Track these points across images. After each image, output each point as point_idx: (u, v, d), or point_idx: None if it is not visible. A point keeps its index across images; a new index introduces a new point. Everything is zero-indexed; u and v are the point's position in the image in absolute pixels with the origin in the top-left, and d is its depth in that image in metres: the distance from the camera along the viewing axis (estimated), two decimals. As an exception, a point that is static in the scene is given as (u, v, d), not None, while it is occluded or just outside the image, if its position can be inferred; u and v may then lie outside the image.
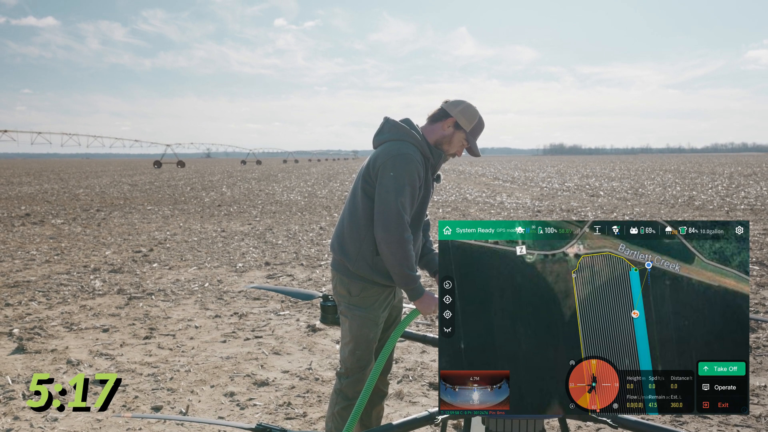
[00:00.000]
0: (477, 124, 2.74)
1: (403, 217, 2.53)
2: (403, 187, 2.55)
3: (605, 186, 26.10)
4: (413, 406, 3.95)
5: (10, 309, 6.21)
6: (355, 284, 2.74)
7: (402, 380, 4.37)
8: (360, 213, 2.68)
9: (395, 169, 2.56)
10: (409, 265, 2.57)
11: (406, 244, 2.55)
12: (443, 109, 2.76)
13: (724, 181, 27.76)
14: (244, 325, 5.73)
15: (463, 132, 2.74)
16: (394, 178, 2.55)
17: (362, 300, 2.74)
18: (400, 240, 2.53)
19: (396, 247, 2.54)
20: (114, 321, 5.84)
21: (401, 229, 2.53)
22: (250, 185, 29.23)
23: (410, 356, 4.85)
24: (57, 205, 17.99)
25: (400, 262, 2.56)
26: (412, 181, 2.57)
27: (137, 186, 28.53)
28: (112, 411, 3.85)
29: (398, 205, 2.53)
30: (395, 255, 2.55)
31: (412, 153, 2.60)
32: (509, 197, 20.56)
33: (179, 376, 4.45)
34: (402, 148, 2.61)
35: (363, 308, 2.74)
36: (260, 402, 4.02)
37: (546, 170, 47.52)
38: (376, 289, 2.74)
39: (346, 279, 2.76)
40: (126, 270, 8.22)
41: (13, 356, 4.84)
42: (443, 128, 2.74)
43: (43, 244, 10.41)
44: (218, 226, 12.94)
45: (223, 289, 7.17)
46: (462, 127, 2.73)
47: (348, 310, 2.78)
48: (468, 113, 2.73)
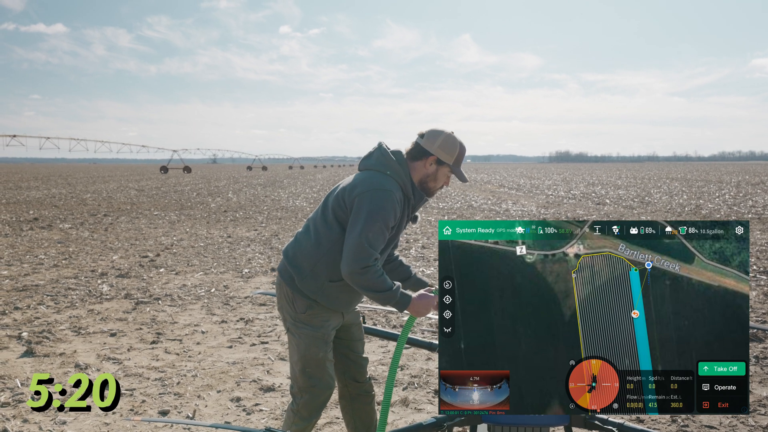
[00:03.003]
0: (459, 153, 2.62)
1: (369, 253, 2.45)
2: (375, 224, 2.46)
3: (611, 194, 26.04)
4: (418, 413, 3.94)
5: (19, 312, 6.26)
6: (299, 300, 2.65)
7: (407, 387, 4.36)
8: (324, 234, 2.60)
9: (372, 204, 2.47)
10: (381, 287, 2.48)
11: (373, 274, 2.47)
12: (421, 146, 2.62)
13: (732, 190, 27.63)
14: (250, 330, 5.75)
15: (446, 166, 2.63)
16: (369, 214, 2.46)
17: (310, 318, 2.66)
18: (365, 273, 2.46)
19: (364, 281, 2.47)
20: (121, 325, 5.87)
21: (364, 262, 2.45)
22: (255, 191, 29.33)
23: (415, 363, 4.85)
24: (65, 210, 18.11)
25: (371, 289, 2.49)
26: (386, 220, 2.48)
27: (144, 191, 28.68)
28: (120, 414, 3.89)
29: (366, 242, 2.44)
30: (365, 287, 2.49)
31: (392, 190, 2.52)
32: (515, 205, 20.55)
33: (186, 380, 4.47)
34: (384, 183, 2.52)
35: (311, 326, 2.65)
36: (266, 407, 4.03)
37: (552, 178, 47.45)
38: (323, 309, 2.66)
39: (290, 292, 2.67)
40: (133, 275, 8.27)
41: (22, 359, 4.89)
42: (425, 167, 2.63)
43: (51, 249, 10.49)
44: (224, 232, 13.00)
45: (229, 294, 7.21)
46: (445, 162, 2.62)
47: (294, 327, 2.68)
48: (447, 146, 2.60)
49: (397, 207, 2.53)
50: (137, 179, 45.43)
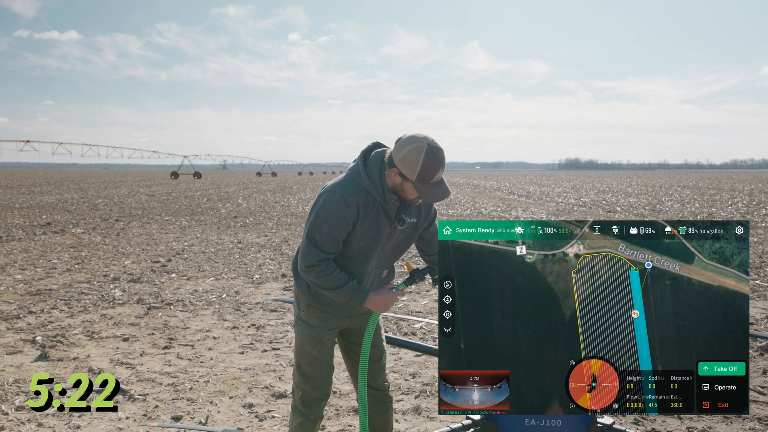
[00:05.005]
0: (422, 170, 2.36)
1: (314, 252, 2.50)
2: (321, 225, 2.48)
3: (622, 201, 25.89)
4: (431, 421, 3.92)
5: (33, 317, 6.34)
6: (302, 299, 2.74)
7: (419, 395, 4.35)
8: None
9: (320, 206, 2.51)
10: (331, 284, 2.53)
11: (320, 272, 2.52)
12: (390, 156, 2.47)
13: (745, 198, 27.38)
14: (261, 336, 5.77)
15: (409, 181, 2.43)
16: (316, 215, 2.51)
17: (307, 316, 2.73)
18: (310, 271, 2.52)
19: (312, 279, 2.54)
20: (134, 330, 5.93)
21: (309, 261, 2.51)
22: (265, 197, 29.44)
23: (427, 371, 4.84)
24: (77, 215, 18.28)
25: (322, 286, 2.55)
26: (332, 221, 2.47)
27: (155, 196, 28.86)
28: (134, 420, 3.94)
29: (311, 242, 2.50)
30: (315, 284, 2.57)
31: (347, 195, 2.48)
32: (524, 212, 20.50)
33: (198, 386, 4.50)
34: (339, 187, 2.51)
35: (308, 324, 2.73)
36: (278, 414, 4.04)
37: (561, 185, 47.23)
38: (320, 310, 2.72)
39: (297, 289, 2.77)
40: (145, 280, 8.35)
41: (37, 363, 4.95)
42: (392, 177, 2.49)
43: (64, 253, 10.61)
44: (235, 238, 13.08)
45: (240, 300, 7.25)
46: (407, 177, 2.42)
47: (296, 324, 2.80)
48: (408, 161, 2.37)
49: (347, 210, 2.46)
50: (148, 185, 45.71)
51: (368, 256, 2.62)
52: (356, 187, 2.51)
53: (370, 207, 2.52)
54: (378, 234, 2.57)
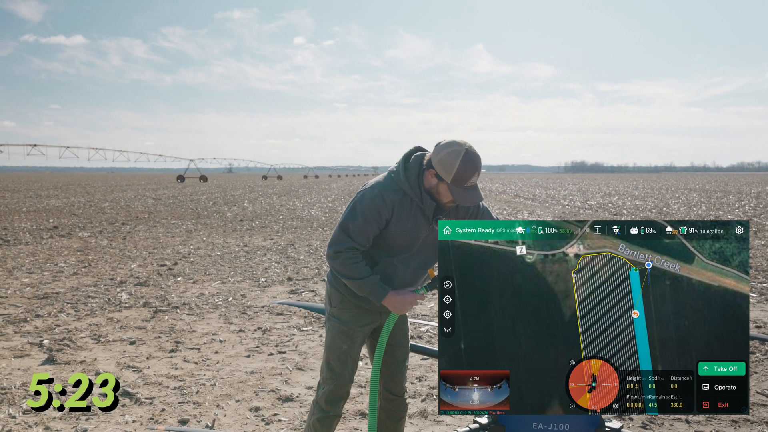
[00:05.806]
0: (457, 172, 2.47)
1: (344, 239, 2.59)
2: (356, 217, 2.59)
3: (628, 204, 25.82)
4: (438, 425, 3.93)
5: (40, 320, 6.39)
6: (335, 294, 2.80)
7: (426, 399, 4.35)
8: None
9: (359, 200, 2.62)
10: (354, 274, 2.59)
11: (345, 260, 2.59)
12: (429, 158, 2.60)
13: (752, 201, 27.26)
14: (267, 340, 5.79)
15: (445, 183, 2.54)
16: (352, 207, 2.62)
17: (339, 312, 2.79)
18: (336, 257, 2.60)
19: (336, 265, 2.61)
20: (140, 334, 5.96)
21: (337, 246, 2.60)
22: (271, 200, 29.51)
23: (434, 375, 4.82)
24: (84, 218, 18.38)
25: (344, 274, 2.62)
26: (366, 214, 2.57)
27: (161, 200, 28.97)
28: (141, 423, 3.96)
29: (343, 230, 2.60)
30: (338, 272, 2.63)
31: (384, 192, 2.59)
32: (530, 215, 20.47)
33: (205, 390, 4.52)
34: (378, 185, 2.63)
35: (340, 320, 2.79)
36: (285, 417, 4.05)
37: (567, 188, 47.15)
38: (353, 305, 2.77)
39: (329, 286, 2.83)
40: (151, 283, 8.40)
41: (44, 366, 4.98)
42: (429, 178, 2.59)
43: (70, 257, 10.68)
44: (240, 241, 13.12)
45: (246, 303, 7.28)
46: (443, 179, 2.53)
47: (327, 320, 2.85)
48: (445, 163, 2.49)
49: (382, 206, 2.57)
50: (154, 188, 45.88)
51: (410, 256, 2.70)
52: (394, 187, 2.62)
53: (407, 207, 2.62)
54: (416, 233, 2.67)
